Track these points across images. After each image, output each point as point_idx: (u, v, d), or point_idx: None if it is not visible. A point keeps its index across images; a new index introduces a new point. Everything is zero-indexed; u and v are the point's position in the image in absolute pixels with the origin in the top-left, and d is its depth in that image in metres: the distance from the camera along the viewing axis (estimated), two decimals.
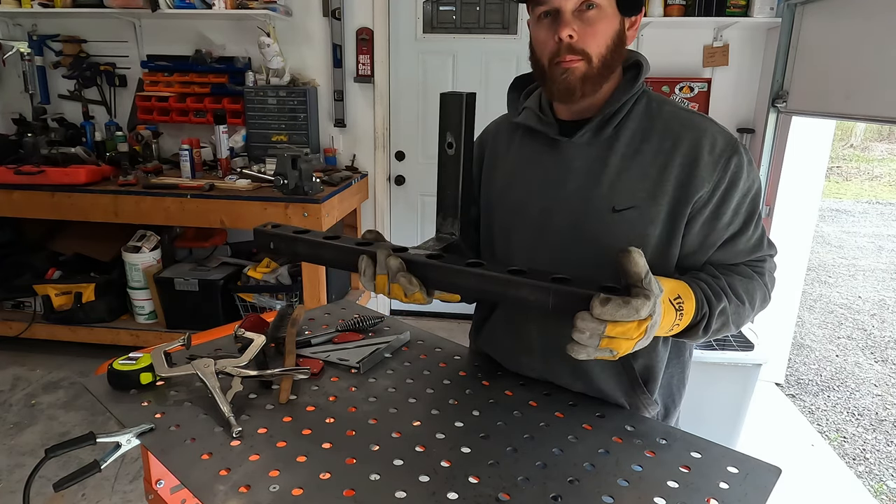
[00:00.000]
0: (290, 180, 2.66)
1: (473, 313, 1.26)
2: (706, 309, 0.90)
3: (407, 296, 0.85)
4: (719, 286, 0.94)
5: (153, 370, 1.05)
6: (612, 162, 0.99)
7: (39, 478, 0.86)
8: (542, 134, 1.05)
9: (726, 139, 0.98)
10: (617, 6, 0.94)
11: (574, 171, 1.01)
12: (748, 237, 1.01)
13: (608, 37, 0.95)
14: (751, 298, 0.98)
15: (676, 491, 0.78)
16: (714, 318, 0.92)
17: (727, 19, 2.96)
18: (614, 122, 1.00)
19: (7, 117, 3.50)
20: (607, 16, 0.94)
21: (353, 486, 0.79)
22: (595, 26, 0.93)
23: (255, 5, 3.07)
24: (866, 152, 12.14)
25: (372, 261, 0.87)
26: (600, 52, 0.95)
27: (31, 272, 3.22)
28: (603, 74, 0.97)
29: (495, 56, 3.40)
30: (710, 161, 0.95)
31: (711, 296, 0.92)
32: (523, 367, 1.11)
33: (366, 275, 0.86)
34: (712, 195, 0.96)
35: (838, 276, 5.41)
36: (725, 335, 1.02)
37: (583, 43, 0.94)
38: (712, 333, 0.94)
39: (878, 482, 2.55)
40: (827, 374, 3.51)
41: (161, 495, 1.04)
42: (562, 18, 0.93)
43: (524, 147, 1.10)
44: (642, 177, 0.97)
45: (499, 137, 1.16)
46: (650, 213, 0.96)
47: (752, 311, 0.99)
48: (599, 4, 0.93)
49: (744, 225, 1.00)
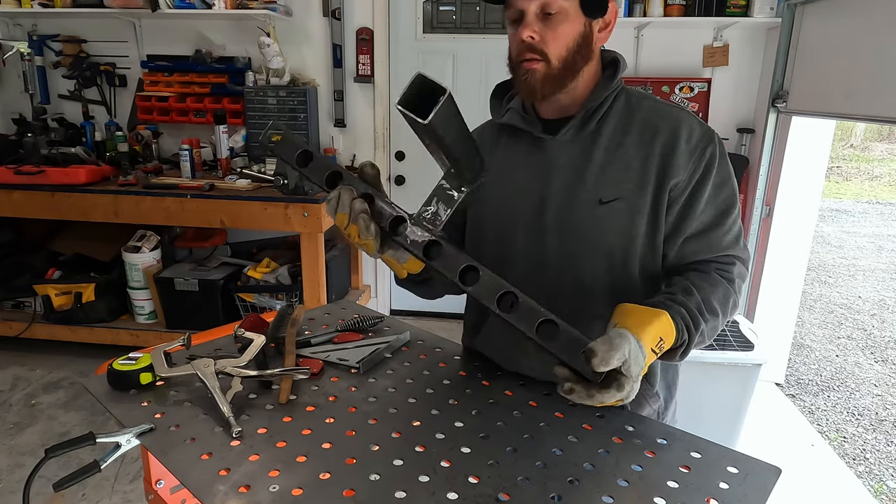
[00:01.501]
0: (290, 180, 2.66)
1: (464, 315, 1.26)
2: (685, 338, 0.92)
3: (360, 237, 0.85)
4: (695, 307, 0.95)
5: (153, 370, 1.04)
6: (596, 156, 1.02)
7: (39, 478, 0.86)
8: (526, 133, 1.09)
9: (704, 129, 1.02)
10: (581, 9, 0.97)
11: (559, 167, 1.04)
12: (724, 231, 1.02)
13: (570, 38, 0.98)
14: (724, 309, 0.99)
15: (676, 491, 0.78)
16: (693, 343, 0.94)
17: (727, 19, 2.96)
18: (596, 118, 1.04)
19: (7, 117, 3.50)
20: (570, 18, 0.97)
21: (353, 486, 0.79)
22: (556, 29, 0.97)
23: (255, 5, 3.08)
24: (866, 152, 12.14)
25: (345, 194, 0.85)
26: (560, 54, 0.98)
27: (31, 272, 3.22)
28: (564, 75, 1.00)
29: (495, 56, 3.39)
30: (687, 150, 0.99)
31: (690, 322, 0.93)
32: (522, 367, 1.12)
33: (330, 204, 0.86)
34: (689, 183, 1.00)
35: (838, 276, 5.41)
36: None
37: (542, 44, 0.98)
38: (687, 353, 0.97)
39: (878, 482, 2.55)
40: (827, 374, 3.51)
41: (161, 495, 1.04)
42: (524, 20, 0.98)
43: (509, 147, 1.13)
44: (626, 169, 1.01)
45: (483, 140, 1.17)
46: (636, 204, 1.00)
47: (724, 320, 1.00)
48: (562, 8, 0.96)
49: (718, 217, 1.02)
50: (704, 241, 1.02)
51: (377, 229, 0.86)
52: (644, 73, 3.20)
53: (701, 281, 0.99)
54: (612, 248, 1.02)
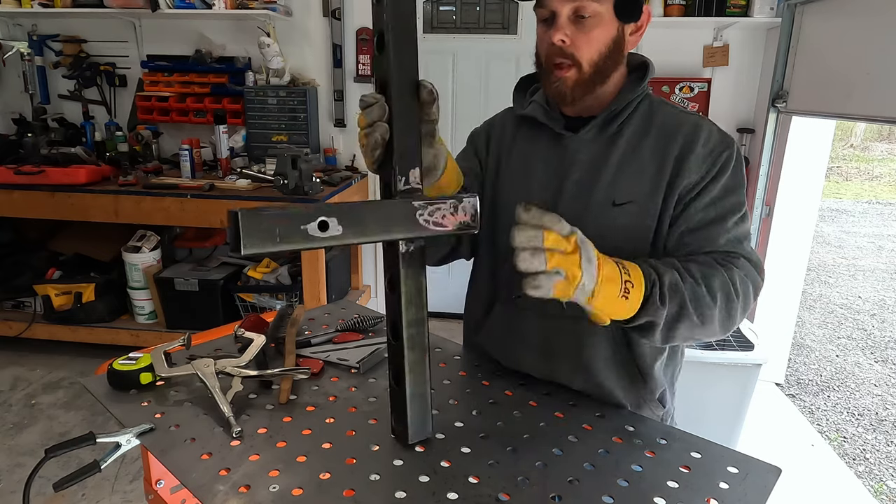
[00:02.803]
0: (290, 180, 2.66)
1: (465, 312, 1.26)
2: (654, 276, 0.86)
3: (363, 150, 0.82)
4: (667, 262, 0.90)
5: (153, 370, 1.05)
6: (614, 158, 1.02)
7: (39, 478, 0.86)
8: (547, 128, 1.08)
9: (722, 136, 1.01)
10: (615, 13, 0.96)
11: (577, 163, 1.04)
12: (724, 229, 0.97)
13: (602, 43, 0.97)
14: (709, 284, 0.90)
15: (676, 491, 0.78)
16: (665, 288, 0.86)
17: (727, 19, 2.96)
18: (618, 121, 1.03)
19: (7, 117, 3.50)
20: (604, 22, 0.96)
21: (353, 486, 0.79)
22: (590, 33, 0.96)
23: (255, 5, 3.07)
24: (866, 152, 12.14)
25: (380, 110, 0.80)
26: (592, 59, 0.97)
27: (31, 272, 3.22)
28: (595, 80, 0.99)
29: (495, 56, 3.40)
30: (703, 153, 0.98)
31: (658, 265, 0.88)
32: (522, 363, 1.12)
33: (366, 108, 0.81)
34: (699, 183, 0.98)
35: (838, 276, 5.41)
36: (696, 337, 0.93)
37: (574, 48, 0.96)
38: (672, 319, 0.88)
39: (878, 482, 2.55)
40: (827, 374, 3.51)
41: (161, 495, 1.04)
42: (556, 23, 0.96)
43: (529, 139, 1.12)
44: (640, 174, 1.00)
45: (505, 129, 1.18)
46: (648, 208, 0.99)
47: (712, 301, 0.89)
48: (597, 12, 0.94)
49: (720, 217, 0.97)
50: (702, 235, 0.98)
51: (381, 155, 0.82)
52: None
53: (688, 261, 0.94)
54: (620, 250, 1.01)
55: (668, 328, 0.89)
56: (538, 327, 1.08)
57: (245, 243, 0.62)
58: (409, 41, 0.79)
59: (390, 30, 0.77)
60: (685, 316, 0.88)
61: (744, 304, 0.93)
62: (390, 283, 0.85)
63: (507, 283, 1.10)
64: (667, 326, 0.88)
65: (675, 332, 0.90)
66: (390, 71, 0.78)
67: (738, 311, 0.93)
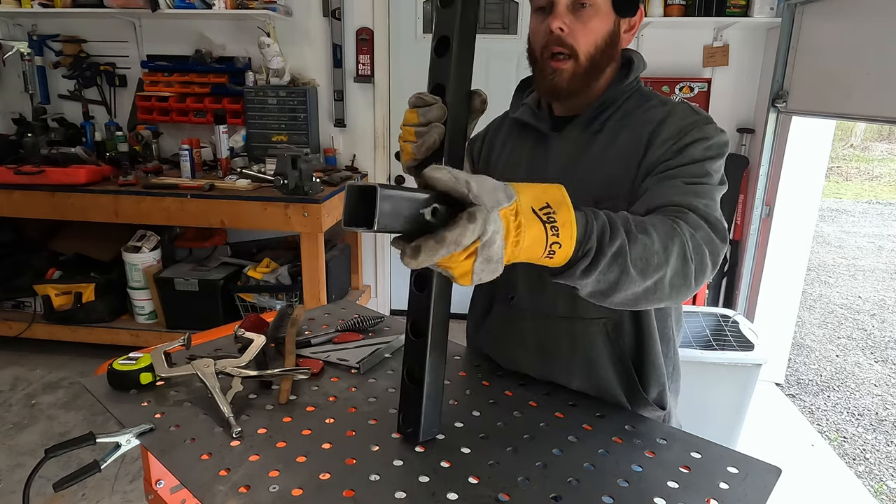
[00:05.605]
0: (290, 180, 2.66)
1: (468, 313, 1.26)
2: (592, 223, 0.69)
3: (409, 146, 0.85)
4: (607, 209, 0.75)
5: (153, 370, 1.05)
6: (593, 155, 1.00)
7: (39, 478, 0.86)
8: (534, 129, 1.08)
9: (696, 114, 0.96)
10: (612, 6, 0.96)
11: (556, 164, 1.04)
12: (689, 172, 0.88)
13: (599, 36, 0.96)
14: (657, 233, 0.74)
15: (676, 491, 0.78)
16: (605, 233, 0.70)
17: (727, 19, 2.96)
18: (602, 118, 1.02)
19: (7, 117, 3.50)
20: (601, 14, 0.95)
21: (353, 486, 0.79)
22: (588, 23, 0.95)
23: (255, 5, 3.07)
24: (866, 152, 12.14)
25: (439, 111, 0.82)
26: (588, 51, 0.96)
27: (31, 272, 3.22)
28: (590, 74, 0.98)
29: (495, 56, 3.39)
30: (672, 130, 0.94)
31: (598, 211, 0.72)
32: (521, 364, 1.12)
33: (422, 105, 0.82)
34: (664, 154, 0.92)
35: (838, 276, 5.41)
36: (634, 296, 0.74)
37: (572, 37, 0.95)
38: (607, 268, 0.70)
39: (878, 482, 2.55)
40: (827, 374, 3.51)
41: (161, 495, 1.04)
42: (555, 10, 0.95)
43: (517, 141, 1.13)
44: (619, 167, 0.98)
45: (499, 131, 1.18)
46: (627, 198, 0.95)
47: (661, 248, 0.74)
48: (595, 2, 0.94)
49: (688, 162, 0.89)
50: (655, 191, 0.88)
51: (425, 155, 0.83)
52: (644, 73, 3.19)
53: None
54: None
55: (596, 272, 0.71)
56: (533, 327, 1.08)
57: (379, 220, 0.60)
58: (470, 49, 0.81)
59: (456, 36, 0.79)
60: (624, 275, 0.72)
61: (695, 251, 0.78)
62: (418, 281, 0.85)
63: (504, 282, 1.10)
64: (601, 257, 0.70)
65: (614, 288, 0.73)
66: (450, 75, 0.80)
67: (691, 268, 0.77)
